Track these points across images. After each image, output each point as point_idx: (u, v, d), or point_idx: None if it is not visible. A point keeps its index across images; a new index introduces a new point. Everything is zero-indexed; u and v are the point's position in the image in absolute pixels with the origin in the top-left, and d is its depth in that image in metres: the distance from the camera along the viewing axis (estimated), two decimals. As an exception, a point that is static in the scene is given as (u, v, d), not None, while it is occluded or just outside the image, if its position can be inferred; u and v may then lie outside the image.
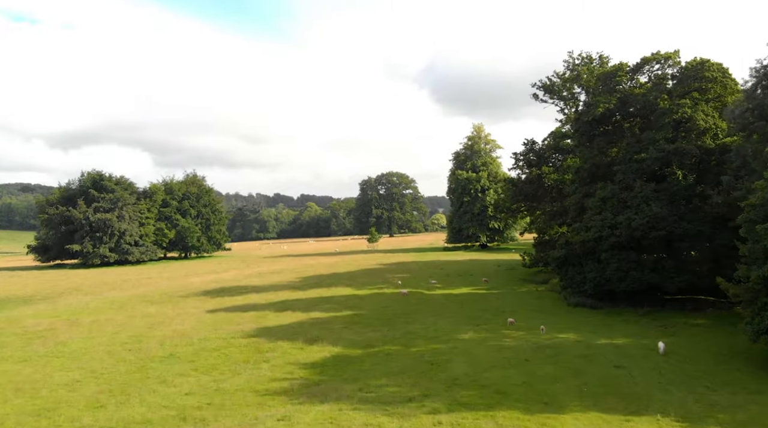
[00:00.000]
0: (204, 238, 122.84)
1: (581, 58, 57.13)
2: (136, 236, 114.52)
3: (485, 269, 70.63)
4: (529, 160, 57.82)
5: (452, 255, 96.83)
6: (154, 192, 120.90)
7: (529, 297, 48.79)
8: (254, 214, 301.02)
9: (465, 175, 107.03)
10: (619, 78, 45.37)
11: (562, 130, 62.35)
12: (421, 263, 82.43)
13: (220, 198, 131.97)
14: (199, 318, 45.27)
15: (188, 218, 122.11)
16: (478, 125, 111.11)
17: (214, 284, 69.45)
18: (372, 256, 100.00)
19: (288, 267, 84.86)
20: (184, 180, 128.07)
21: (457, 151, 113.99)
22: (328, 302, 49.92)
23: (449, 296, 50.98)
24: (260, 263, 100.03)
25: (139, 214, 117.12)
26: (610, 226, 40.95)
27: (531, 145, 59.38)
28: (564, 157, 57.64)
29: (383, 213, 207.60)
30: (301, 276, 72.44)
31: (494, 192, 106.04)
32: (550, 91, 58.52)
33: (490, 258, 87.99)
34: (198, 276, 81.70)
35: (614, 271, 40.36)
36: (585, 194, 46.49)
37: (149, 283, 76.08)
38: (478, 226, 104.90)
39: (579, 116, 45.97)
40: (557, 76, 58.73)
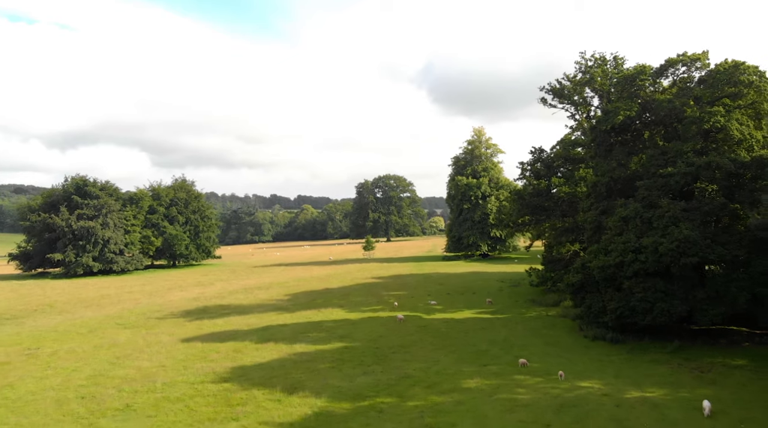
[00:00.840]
0: (192, 246, 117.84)
1: (594, 59, 52.42)
2: (121, 244, 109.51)
3: (488, 286, 65.78)
4: (536, 171, 52.97)
5: (452, 266, 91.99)
6: (141, 198, 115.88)
7: (539, 324, 43.92)
8: (249, 216, 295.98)
9: (465, 181, 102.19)
10: (641, 82, 40.54)
11: (571, 136, 57.57)
12: (419, 276, 77.57)
13: (210, 204, 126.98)
14: (171, 351, 40.33)
15: (176, 225, 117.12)
16: (478, 128, 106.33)
17: (196, 302, 64.50)
18: (367, 267, 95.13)
19: (277, 281, 79.91)
20: (172, 185, 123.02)
21: (457, 155, 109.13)
22: (316, 329, 45.03)
23: (450, 322, 46.11)
24: (249, 274, 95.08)
25: (125, 221, 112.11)
26: (633, 250, 36.12)
27: (539, 154, 54.55)
28: (575, 167, 52.83)
29: (380, 217, 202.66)
30: (290, 292, 67.54)
31: (496, 199, 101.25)
32: (559, 95, 53.78)
33: (492, 270, 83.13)
34: (181, 291, 76.75)
35: (639, 302, 35.51)
36: (602, 211, 41.69)
37: (128, 299, 71.13)
38: (478, 235, 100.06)
39: (596, 124, 41.15)
40: (567, 78, 53.98)
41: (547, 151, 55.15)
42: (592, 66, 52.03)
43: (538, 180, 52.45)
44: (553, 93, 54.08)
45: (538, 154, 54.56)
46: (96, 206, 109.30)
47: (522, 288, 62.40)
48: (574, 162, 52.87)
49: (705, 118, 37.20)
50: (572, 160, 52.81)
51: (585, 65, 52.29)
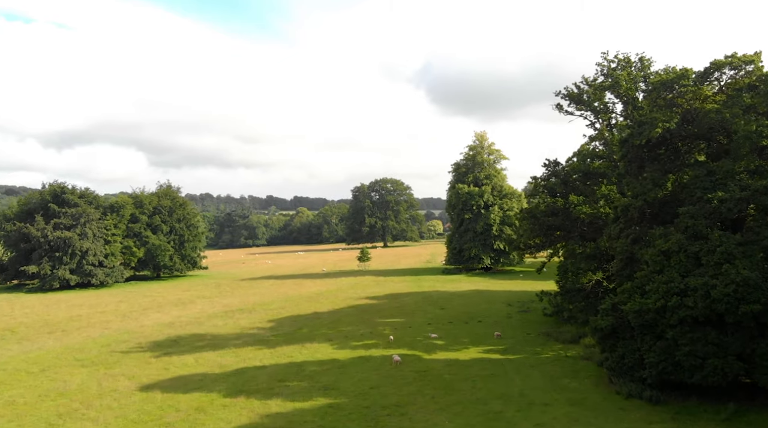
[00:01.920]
0: (177, 257, 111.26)
1: (617, 61, 46.06)
2: (101, 256, 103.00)
3: (494, 310, 59.42)
4: (551, 187, 46.57)
5: (452, 282, 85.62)
6: (122, 205, 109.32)
7: (559, 370, 37.52)
8: (243, 219, 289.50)
9: (466, 189, 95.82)
10: (683, 88, 34.15)
11: (588, 146, 51.22)
12: (417, 296, 71.15)
13: (196, 211, 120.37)
14: (124, 406, 33.85)
15: (159, 234, 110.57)
16: (480, 133, 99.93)
17: (170, 329, 58.05)
18: (362, 282, 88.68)
19: (263, 300, 73.40)
20: (156, 191, 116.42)
21: (457, 161, 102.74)
22: (298, 374, 38.56)
23: (455, 365, 39.69)
24: (234, 290, 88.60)
25: (105, 230, 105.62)
26: (678, 293, 29.77)
27: (553, 168, 48.20)
28: (595, 182, 46.51)
29: (377, 222, 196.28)
30: (274, 317, 61.11)
31: (499, 208, 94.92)
32: (578, 101, 47.42)
33: (496, 288, 76.77)
34: (157, 312, 70.33)
35: (686, 356, 29.17)
36: (634, 239, 35.33)
37: (98, 322, 64.72)
38: (481, 247, 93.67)
39: (627, 138, 34.78)
40: (586, 82, 47.64)
41: (563, 164, 48.81)
42: (616, 68, 45.69)
43: (554, 197, 46.04)
44: (570, 98, 47.74)
45: (552, 167, 48.20)
46: (74, 215, 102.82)
47: (533, 314, 56.07)
48: (593, 177, 46.53)
49: (763, 133, 30.88)
50: (592, 175, 46.47)
51: (608, 67, 45.95)
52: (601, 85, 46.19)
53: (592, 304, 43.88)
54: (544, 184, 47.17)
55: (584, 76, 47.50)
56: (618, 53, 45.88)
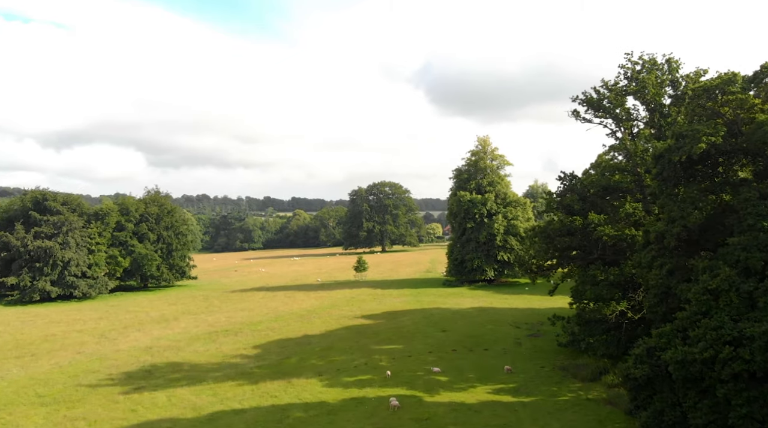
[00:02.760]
0: (164, 267, 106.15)
1: (642, 62, 41.12)
2: (84, 266, 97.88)
3: (501, 334, 54.47)
4: (568, 205, 41.54)
5: (454, 296, 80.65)
6: (107, 213, 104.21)
7: (582, 422, 32.48)
8: (239, 221, 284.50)
9: (468, 197, 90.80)
10: (729, 95, 29.17)
11: (607, 156, 46.30)
12: (417, 315, 66.14)
13: (185, 218, 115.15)
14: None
15: (146, 243, 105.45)
16: (483, 138, 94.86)
17: (147, 354, 53.07)
18: (358, 296, 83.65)
19: (251, 320, 68.34)
20: (143, 198, 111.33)
21: (459, 167, 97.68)
22: (280, 424, 33.55)
23: (460, 409, 34.71)
24: (222, 304, 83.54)
25: (89, 239, 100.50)
26: (730, 342, 24.88)
27: (570, 182, 43.23)
28: (617, 197, 41.61)
29: (374, 226, 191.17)
30: (261, 340, 56.11)
31: (503, 217, 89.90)
32: (596, 107, 42.45)
33: (502, 304, 71.78)
34: (137, 331, 65.38)
35: (741, 419, 24.29)
36: (671, 270, 30.42)
37: (72, 344, 59.81)
38: (484, 258, 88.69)
39: (664, 153, 29.80)
40: (607, 86, 42.71)
41: (579, 176, 43.82)
42: (641, 71, 40.76)
43: (571, 215, 41.05)
44: (588, 104, 42.76)
45: (569, 181, 43.23)
46: (56, 223, 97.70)
47: (544, 340, 51.09)
48: (614, 192, 41.60)
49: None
50: (613, 190, 41.53)
51: (632, 70, 41.02)
52: (623, 90, 41.26)
53: (615, 338, 39.03)
54: (560, 201, 42.16)
55: (604, 80, 42.58)
56: (643, 54, 41.02)
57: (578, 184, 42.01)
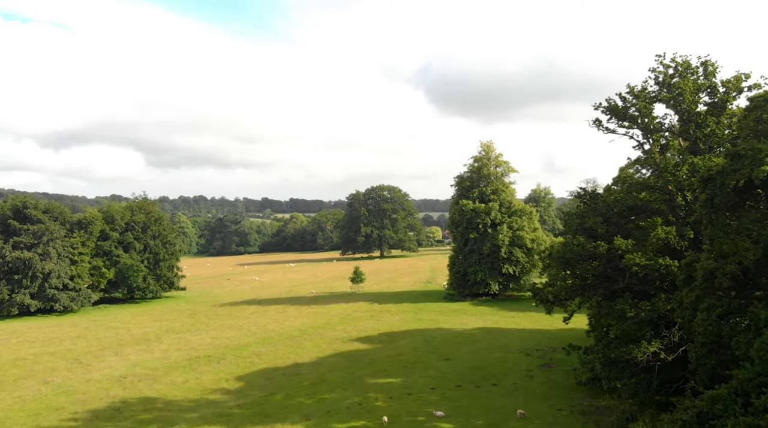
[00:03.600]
0: (151, 278, 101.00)
1: (675, 65, 36.09)
2: (66, 278, 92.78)
3: (510, 362, 49.45)
4: (590, 228, 36.41)
5: (457, 313, 75.57)
6: (91, 221, 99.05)
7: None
8: (235, 224, 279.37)
9: (471, 206, 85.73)
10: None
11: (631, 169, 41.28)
12: (417, 337, 61.05)
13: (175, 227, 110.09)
14: None
15: (132, 253, 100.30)
16: (487, 143, 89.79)
17: (119, 387, 47.96)
18: (354, 313, 78.48)
19: (238, 341, 63.20)
20: (128, 205, 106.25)
21: (461, 174, 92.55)
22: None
23: (468, 471, 29.69)
24: (210, 320, 78.45)
25: (71, 249, 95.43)
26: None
27: (591, 200, 38.19)
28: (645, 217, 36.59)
29: (373, 231, 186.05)
30: (246, 370, 50.99)
31: (508, 228, 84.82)
32: (621, 115, 37.42)
33: (508, 324, 66.74)
34: (115, 354, 60.52)
35: None
36: (722, 315, 25.46)
37: (41, 372, 54.83)
38: (488, 271, 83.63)
39: (715, 176, 24.80)
40: (632, 92, 37.61)
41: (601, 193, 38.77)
42: (673, 75, 35.76)
43: (594, 239, 35.99)
44: (611, 113, 37.70)
45: (590, 199, 38.21)
46: (36, 233, 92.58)
47: (559, 372, 46.09)
48: (642, 212, 36.57)
49: None
50: (641, 211, 36.50)
51: (664, 74, 35.99)
52: (654, 97, 36.25)
53: (645, 381, 34.00)
54: (580, 222, 37.09)
55: (630, 85, 37.53)
56: (675, 56, 35.95)
57: (600, 203, 36.94)
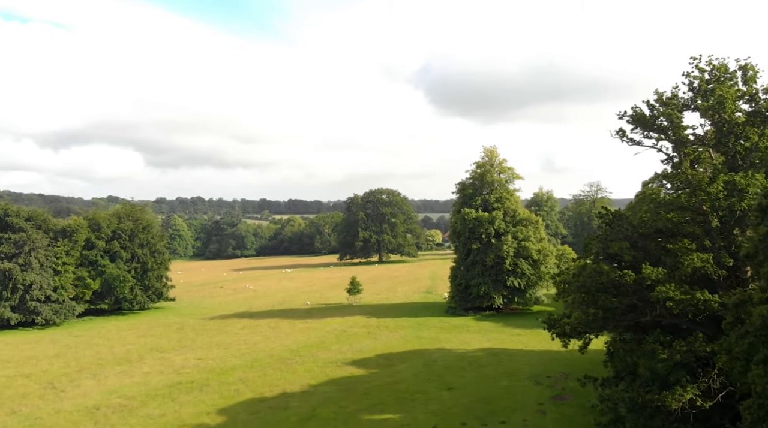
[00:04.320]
0: (138, 288, 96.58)
1: (712, 69, 31.76)
2: (48, 289, 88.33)
3: (519, 393, 45.14)
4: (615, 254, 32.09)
5: (459, 330, 71.19)
6: (76, 229, 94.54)
7: None
8: (232, 227, 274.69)
9: (474, 215, 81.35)
10: None
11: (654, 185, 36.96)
12: (417, 360, 56.66)
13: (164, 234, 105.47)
14: None
15: (119, 262, 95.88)
16: (490, 148, 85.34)
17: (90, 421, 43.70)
18: (350, 330, 74.04)
19: (224, 363, 58.73)
20: (115, 212, 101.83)
21: (463, 181, 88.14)
22: None
23: None
24: (198, 336, 74.11)
25: (55, 258, 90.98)
26: None
27: (615, 222, 33.81)
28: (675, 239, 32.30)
29: (371, 235, 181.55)
30: (229, 401, 46.56)
31: (513, 238, 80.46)
32: (649, 125, 33.09)
33: (515, 344, 62.39)
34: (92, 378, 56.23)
35: None
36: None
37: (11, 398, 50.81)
38: (491, 284, 79.28)
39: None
40: (661, 100, 33.28)
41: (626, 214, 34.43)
42: (710, 80, 31.47)
43: (619, 267, 31.69)
44: (637, 122, 33.40)
45: (612, 220, 33.84)
46: (17, 242, 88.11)
47: (574, 407, 41.79)
48: (674, 236, 32.27)
49: None
50: (672, 234, 32.20)
51: (700, 79, 31.68)
52: (687, 105, 31.96)
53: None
54: (603, 247, 32.77)
55: (658, 91, 33.21)
56: (711, 58, 31.63)
57: (626, 226, 32.61)
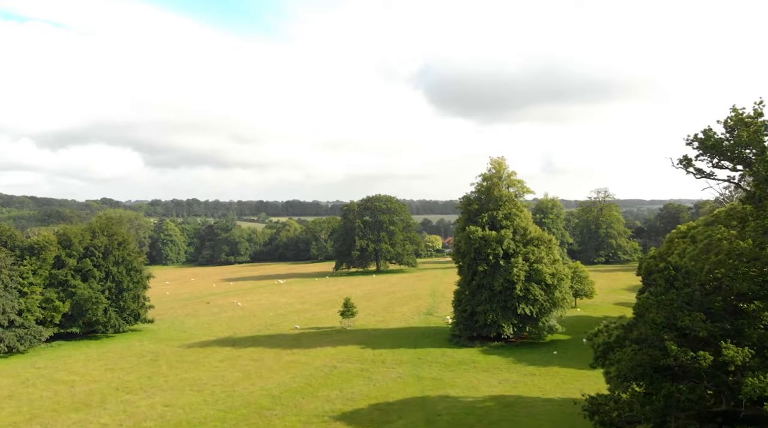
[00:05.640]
0: (113, 310, 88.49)
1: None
2: (13, 313, 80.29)
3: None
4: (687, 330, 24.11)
5: (464, 367, 63.00)
6: (44, 246, 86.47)
7: None
8: (226, 232, 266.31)
9: (480, 233, 73.29)
10: None
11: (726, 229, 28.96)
12: (416, 412, 48.53)
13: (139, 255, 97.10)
14: None
15: (92, 282, 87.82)
16: (497, 159, 77.18)
17: None
18: (341, 365, 65.88)
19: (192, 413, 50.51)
20: (88, 226, 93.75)
21: (467, 195, 79.95)
22: None
23: None
24: (171, 371, 66.07)
25: (20, 279, 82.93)
26: None
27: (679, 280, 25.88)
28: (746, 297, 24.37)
29: (368, 244, 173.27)
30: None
31: (524, 260, 72.40)
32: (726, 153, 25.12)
33: (531, 391, 54.09)
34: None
35: None
36: None
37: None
38: (500, 311, 71.25)
39: None
40: (740, 119, 25.29)
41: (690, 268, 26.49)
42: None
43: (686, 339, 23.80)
44: (706, 148, 25.43)
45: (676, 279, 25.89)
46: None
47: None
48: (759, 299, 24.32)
49: None
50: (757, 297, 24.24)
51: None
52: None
53: None
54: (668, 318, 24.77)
55: (735, 108, 25.25)
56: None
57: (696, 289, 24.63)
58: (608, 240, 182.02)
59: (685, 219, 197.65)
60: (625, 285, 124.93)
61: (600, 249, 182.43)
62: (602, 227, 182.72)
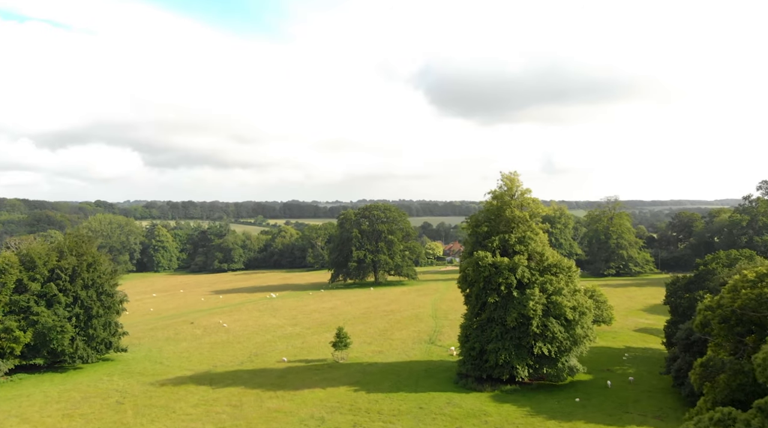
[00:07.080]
0: (81, 339, 79.73)
1: None
2: (-35, 344, 71.70)
3: None
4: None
5: (474, 421, 54.41)
6: (4, 269, 77.80)
7: None
8: (219, 238, 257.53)
9: (490, 260, 64.62)
10: None
11: None
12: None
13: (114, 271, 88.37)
14: None
15: (57, 308, 79.07)
16: (509, 175, 68.31)
17: None
18: (330, 411, 57.05)
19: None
20: (56, 245, 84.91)
21: (475, 215, 71.12)
22: None
23: None
24: (136, 418, 57.27)
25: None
26: None
27: None
28: None
29: (366, 255, 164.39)
30: None
31: (540, 291, 63.68)
32: None
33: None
34: None
35: None
36: None
37: None
38: (513, 350, 62.54)
39: None
40: None
41: None
42: None
43: None
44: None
45: None
46: (-73, 286, 71.49)
47: None
48: None
49: None
50: None
51: None
52: None
53: None
54: None
55: None
56: None
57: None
58: (619, 252, 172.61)
59: (699, 229, 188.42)
60: (642, 304, 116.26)
61: (610, 261, 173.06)
62: (612, 237, 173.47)
